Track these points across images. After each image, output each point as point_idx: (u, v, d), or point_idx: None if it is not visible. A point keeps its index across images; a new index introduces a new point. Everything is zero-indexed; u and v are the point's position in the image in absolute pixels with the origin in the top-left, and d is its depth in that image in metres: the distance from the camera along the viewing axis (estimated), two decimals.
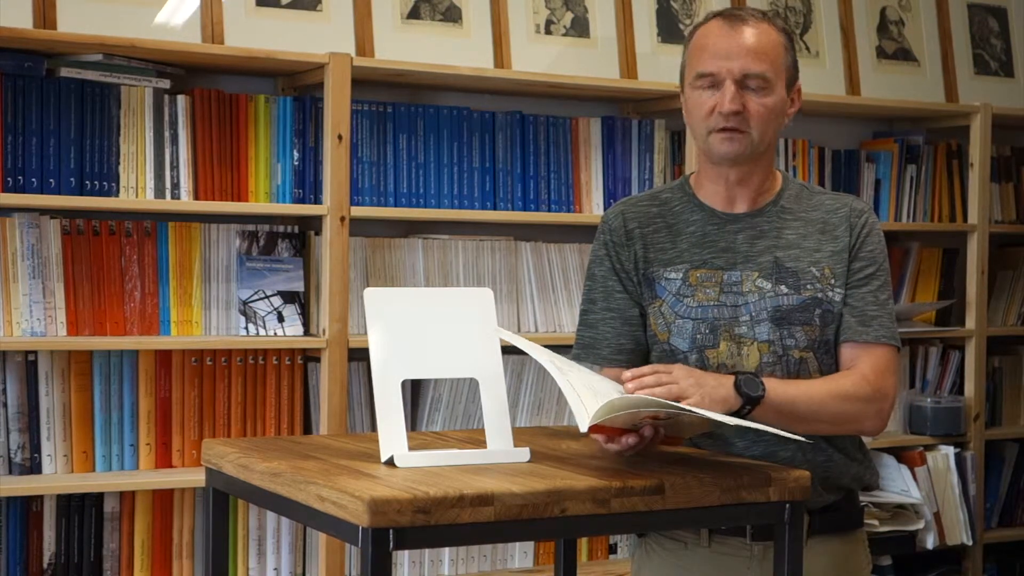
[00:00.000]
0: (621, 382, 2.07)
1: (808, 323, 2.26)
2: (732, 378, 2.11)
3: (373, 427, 3.34)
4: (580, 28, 3.74)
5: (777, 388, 2.14)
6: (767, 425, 2.06)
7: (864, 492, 2.52)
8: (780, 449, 2.24)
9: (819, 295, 2.26)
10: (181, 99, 3.21)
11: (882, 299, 2.29)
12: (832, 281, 2.27)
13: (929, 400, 4.12)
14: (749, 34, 2.24)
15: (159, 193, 3.17)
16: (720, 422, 1.96)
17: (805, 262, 2.28)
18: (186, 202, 3.19)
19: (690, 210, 2.34)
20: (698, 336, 2.26)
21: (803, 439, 2.01)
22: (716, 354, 2.24)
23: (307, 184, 3.32)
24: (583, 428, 1.88)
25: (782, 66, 2.26)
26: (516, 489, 1.77)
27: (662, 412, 1.96)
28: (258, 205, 3.28)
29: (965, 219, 4.23)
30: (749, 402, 2.10)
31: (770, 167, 2.34)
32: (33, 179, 3.06)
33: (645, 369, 2.09)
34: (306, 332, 3.34)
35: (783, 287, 2.26)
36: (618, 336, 2.32)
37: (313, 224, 3.39)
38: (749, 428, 2.24)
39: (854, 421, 2.23)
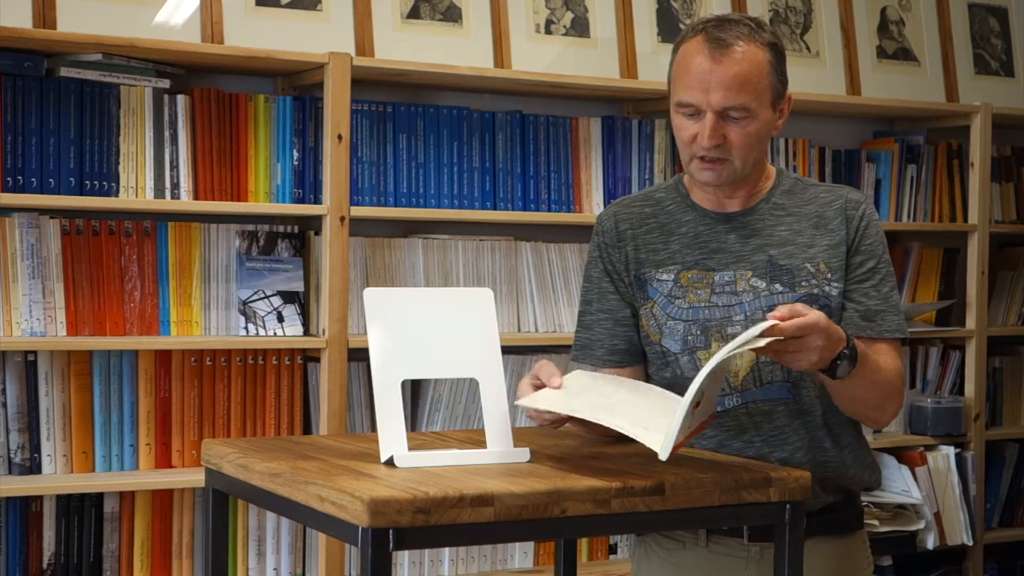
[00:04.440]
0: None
1: None
2: (839, 349, 2.07)
3: (373, 427, 3.34)
4: (580, 28, 3.73)
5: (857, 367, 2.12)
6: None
7: (865, 492, 2.51)
8: (775, 450, 2.24)
9: (815, 291, 2.24)
10: (181, 99, 3.21)
11: (884, 292, 2.28)
12: (828, 276, 2.25)
13: (929, 400, 4.12)
14: (731, 63, 2.17)
15: (159, 193, 3.17)
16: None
17: (799, 259, 2.26)
18: (186, 202, 3.19)
19: (683, 210, 2.33)
20: (689, 338, 2.25)
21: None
22: (708, 355, 2.22)
23: (307, 184, 3.32)
24: (663, 457, 1.88)
25: (767, 87, 2.20)
26: (516, 489, 1.77)
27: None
28: (258, 205, 3.28)
29: (965, 219, 4.23)
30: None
31: (760, 168, 2.31)
32: (33, 179, 3.06)
33: (784, 311, 2.00)
34: (306, 332, 3.34)
35: (778, 285, 2.24)
36: (611, 337, 2.32)
37: (313, 224, 3.38)
38: (745, 427, 2.25)
39: (881, 409, 2.24)
